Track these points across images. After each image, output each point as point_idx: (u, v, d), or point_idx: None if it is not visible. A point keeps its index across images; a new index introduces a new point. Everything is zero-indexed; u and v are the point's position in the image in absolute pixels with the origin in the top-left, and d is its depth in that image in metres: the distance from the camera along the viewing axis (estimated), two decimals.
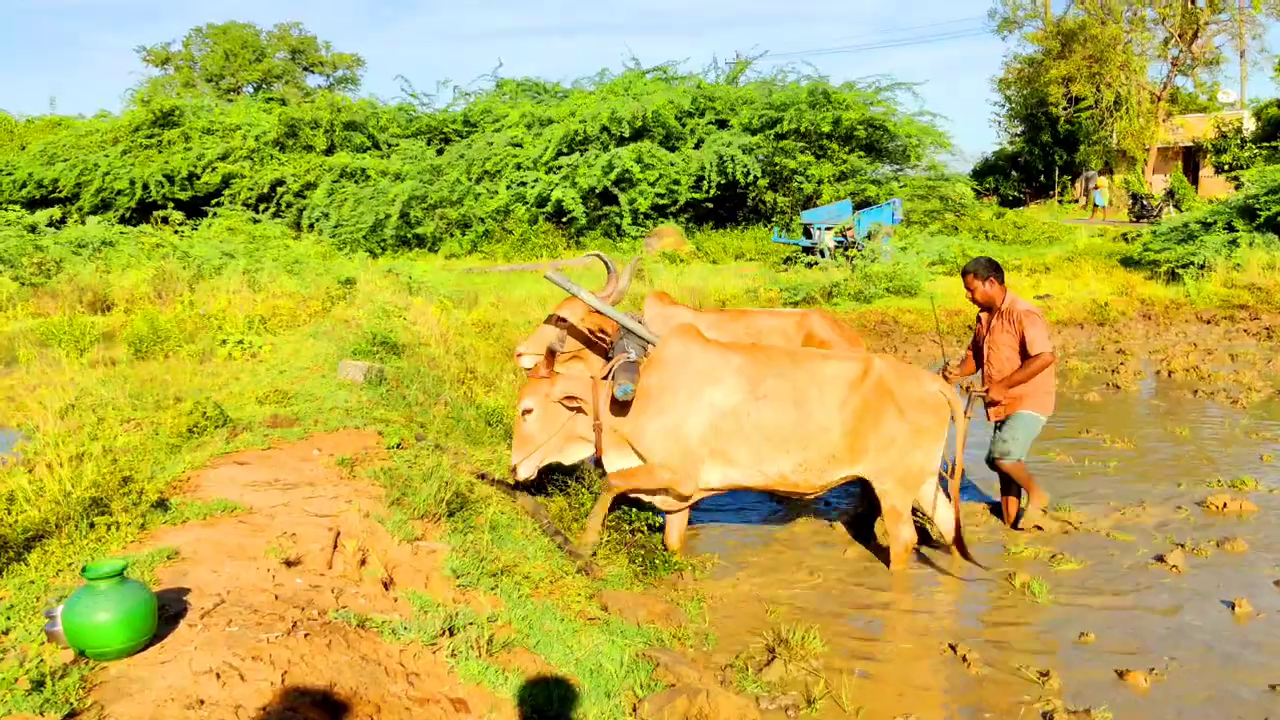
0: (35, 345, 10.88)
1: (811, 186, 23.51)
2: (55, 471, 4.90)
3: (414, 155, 25.48)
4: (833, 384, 5.95)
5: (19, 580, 4.21)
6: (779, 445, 5.88)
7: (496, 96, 28.56)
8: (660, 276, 17.00)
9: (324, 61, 53.67)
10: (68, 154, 26.92)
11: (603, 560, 5.96)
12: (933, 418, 6.02)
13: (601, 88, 26.94)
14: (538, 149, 23.33)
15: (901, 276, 16.37)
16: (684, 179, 22.33)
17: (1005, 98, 46.48)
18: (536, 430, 5.96)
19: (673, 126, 23.53)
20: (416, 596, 4.30)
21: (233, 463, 5.88)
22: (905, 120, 24.98)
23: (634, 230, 21.90)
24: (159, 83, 48.74)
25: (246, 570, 4.19)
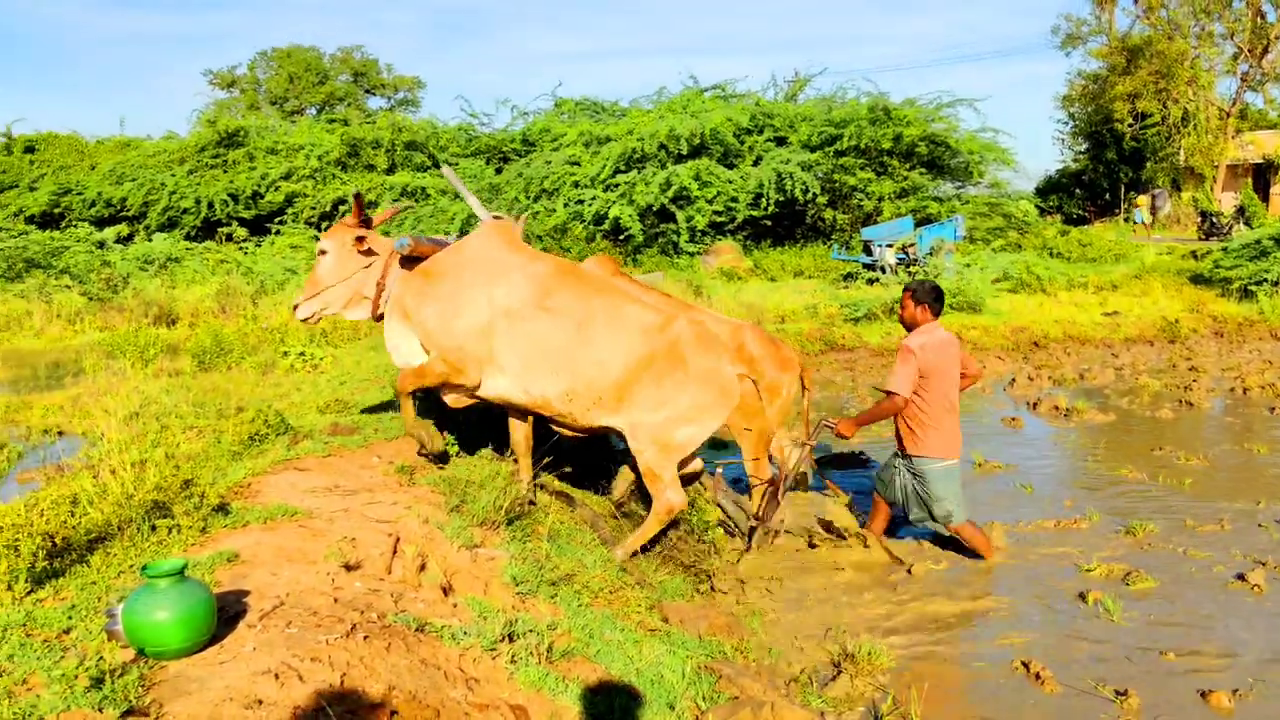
0: (102, 357, 11.05)
1: (871, 203, 23.29)
2: (119, 475, 4.92)
3: (473, 174, 25.64)
4: (626, 325, 5.62)
5: (81, 580, 4.21)
6: (549, 364, 5.58)
7: (555, 116, 28.70)
8: (718, 294, 16.90)
9: (385, 84, 54.41)
10: (136, 174, 27.46)
11: (658, 571, 5.88)
12: (717, 397, 5.66)
13: (660, 106, 26.96)
14: (595, 167, 23.37)
15: (965, 293, 16.11)
16: (742, 196, 22.21)
17: (1069, 115, 45.80)
18: (326, 273, 5.91)
19: (731, 144, 23.45)
20: (476, 602, 4.24)
21: (293, 469, 5.88)
22: (967, 137, 24.68)
23: (691, 247, 21.82)
24: (224, 105, 49.74)
25: (306, 573, 4.16)
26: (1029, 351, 14.44)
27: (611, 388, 5.55)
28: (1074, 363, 13.59)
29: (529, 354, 5.58)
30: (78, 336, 14.26)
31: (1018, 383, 12.12)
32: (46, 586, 4.16)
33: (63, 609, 3.84)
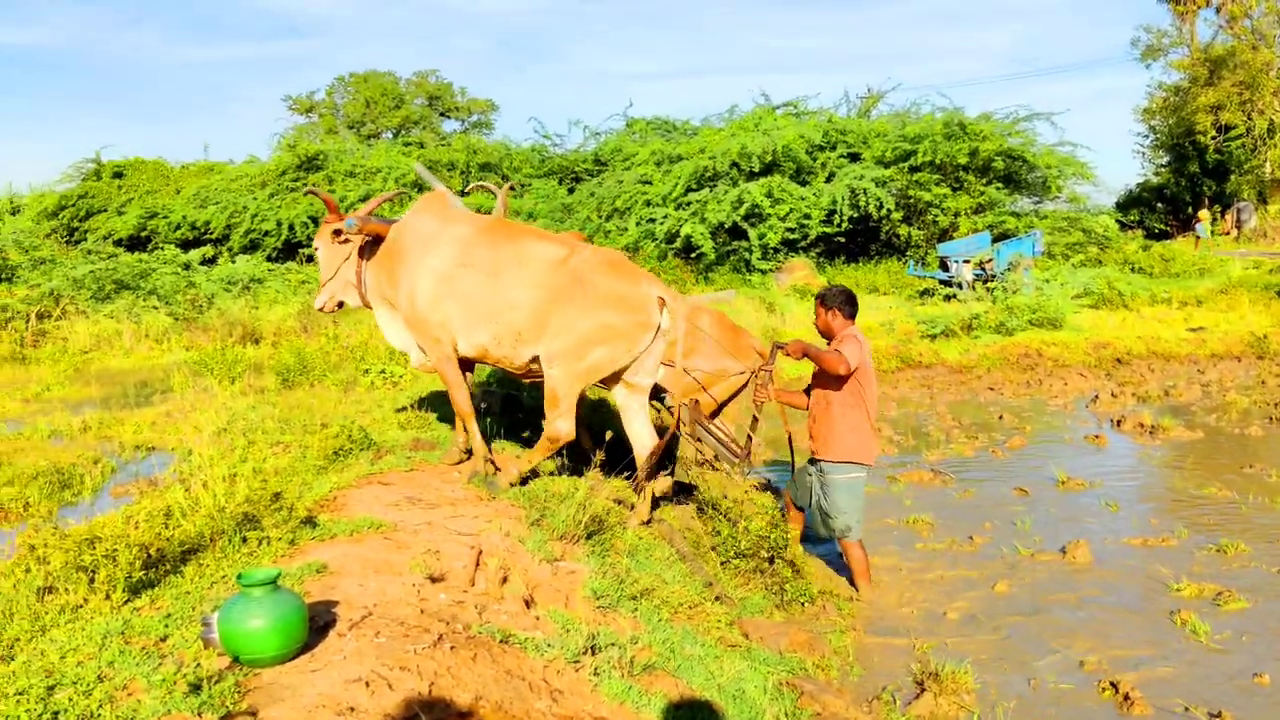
0: (189, 375, 11.34)
1: (947, 219, 23.03)
2: (210, 489, 5.04)
3: (546, 194, 25.87)
4: (533, 263, 5.84)
5: (176, 590, 4.33)
6: (477, 315, 5.90)
7: (626, 135, 28.86)
8: (791, 311, 16.84)
9: (459, 106, 55.16)
10: (219, 197, 28.15)
11: (738, 588, 5.86)
12: (624, 317, 5.67)
13: (731, 124, 26.97)
14: (667, 185, 23.43)
15: (1045, 309, 15.85)
16: (815, 213, 22.09)
17: (1149, 128, 44.84)
18: (323, 268, 6.53)
19: (803, 160, 23.36)
20: (558, 615, 4.27)
21: (377, 483, 5.98)
22: (1045, 151, 24.30)
23: (764, 264, 21.75)
24: (304, 129, 50.78)
25: (392, 584, 4.23)
26: (1111, 368, 14.14)
27: (528, 323, 5.78)
28: (1158, 379, 13.28)
29: (463, 310, 5.94)
30: (165, 355, 14.64)
31: (1101, 400, 11.88)
32: (143, 595, 4.28)
33: (159, 617, 3.95)
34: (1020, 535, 7.20)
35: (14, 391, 11.53)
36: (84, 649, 3.67)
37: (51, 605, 4.24)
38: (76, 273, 18.57)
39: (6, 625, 4.12)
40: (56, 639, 3.84)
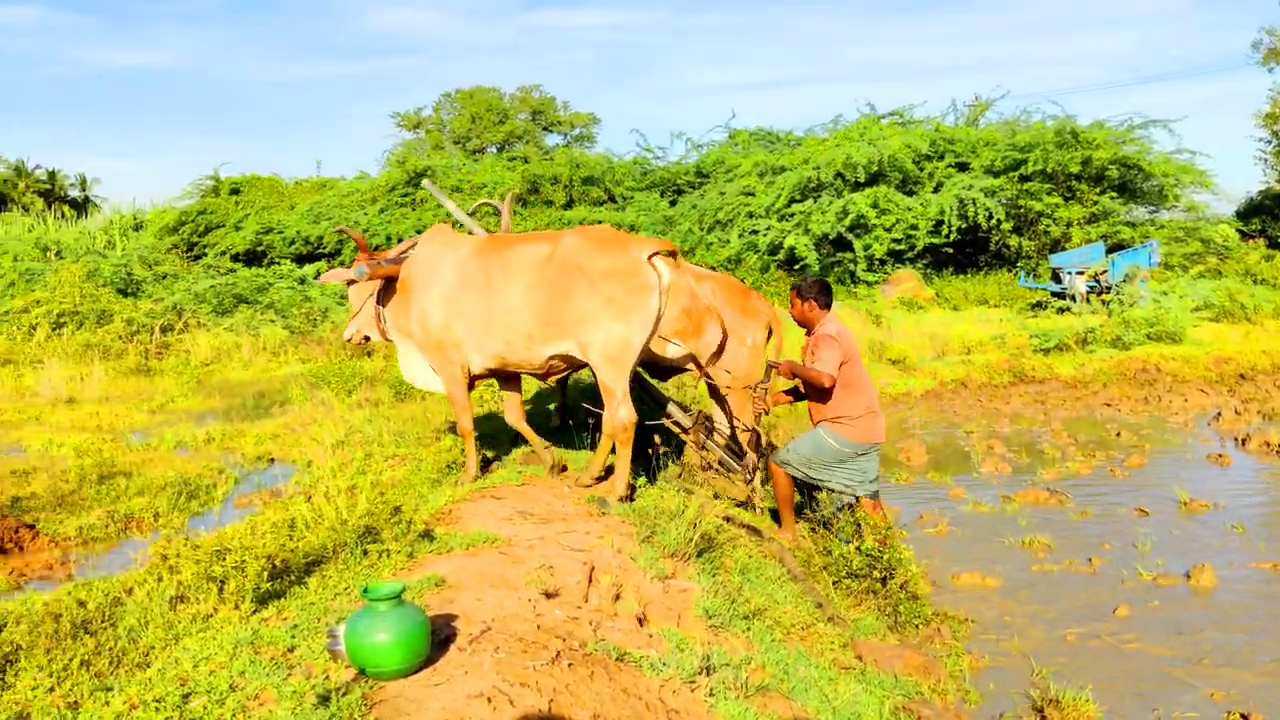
0: (306, 387, 11.66)
1: (1059, 229, 22.44)
2: (332, 501, 5.17)
3: (648, 207, 25.95)
4: (520, 268, 6.10)
5: (301, 601, 4.45)
6: (485, 328, 6.23)
7: (729, 147, 28.79)
8: (898, 323, 16.61)
9: (562, 120, 55.72)
10: (331, 213, 28.87)
11: (850, 608, 5.79)
12: (623, 286, 5.79)
13: (836, 134, 26.71)
14: (770, 197, 23.30)
15: (1163, 322, 15.33)
16: (922, 223, 21.73)
17: (1272, 133, 43.09)
18: (353, 302, 6.90)
19: (910, 170, 23.02)
20: (671, 634, 4.27)
21: (490, 497, 6.07)
22: (1161, 159, 23.52)
23: (870, 276, 21.47)
24: (411, 145, 51.80)
25: (509, 599, 4.28)
26: (1234, 384, 13.62)
27: (535, 323, 6.05)
28: None
29: (472, 326, 6.29)
30: (282, 368, 15.09)
31: (1224, 417, 11.45)
32: (270, 606, 4.41)
33: (286, 628, 4.06)
34: (1141, 558, 6.97)
35: (140, 403, 12.00)
36: (216, 658, 3.79)
37: (184, 614, 4.40)
38: (198, 287, 19.24)
39: (142, 633, 4.29)
40: (189, 647, 3.98)
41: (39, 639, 4.22)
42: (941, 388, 13.37)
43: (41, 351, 14.71)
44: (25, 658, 4.07)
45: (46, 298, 17.03)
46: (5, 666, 4.03)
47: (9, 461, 8.52)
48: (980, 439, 10.58)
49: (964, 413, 12.20)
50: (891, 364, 13.79)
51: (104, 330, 15.82)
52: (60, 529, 6.73)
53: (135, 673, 3.87)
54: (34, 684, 3.81)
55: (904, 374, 13.55)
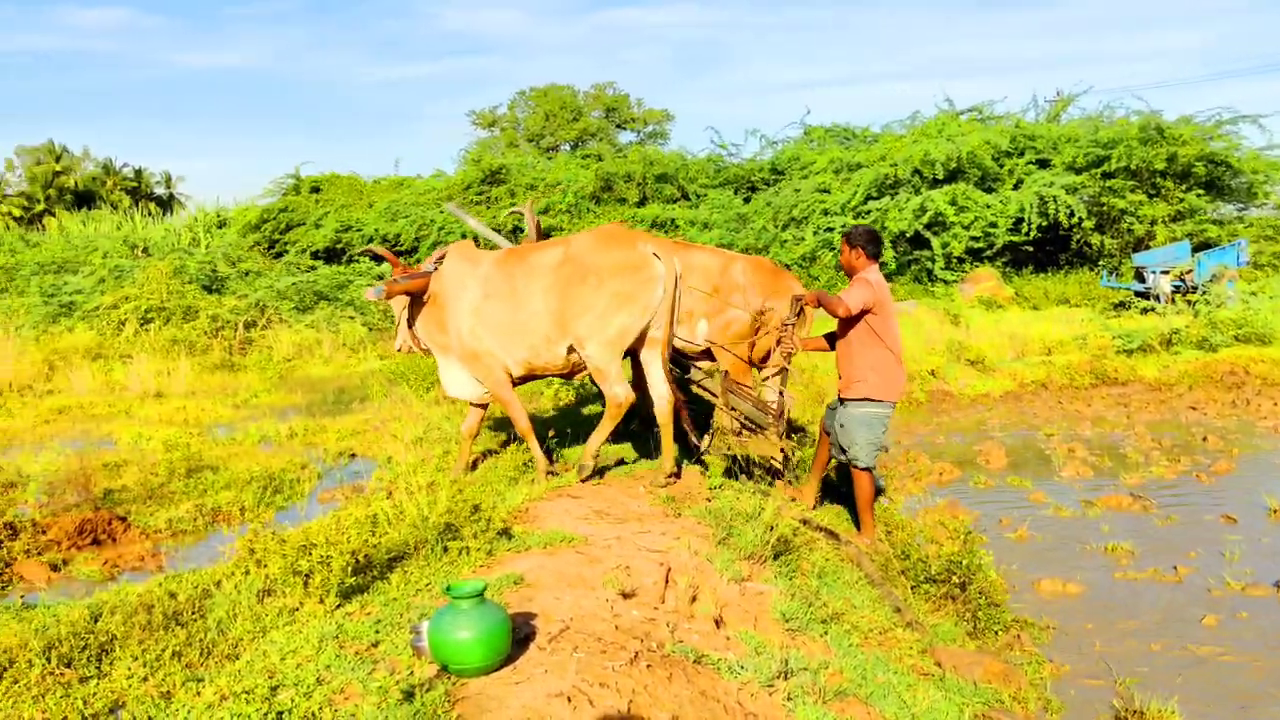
0: (385, 383, 11.85)
1: (1143, 227, 21.91)
2: (414, 498, 5.26)
3: (721, 204, 25.87)
4: (538, 272, 6.57)
5: (384, 597, 4.53)
6: (511, 335, 6.68)
7: (804, 144, 28.59)
8: (977, 322, 16.36)
9: (635, 118, 55.81)
10: (408, 211, 29.25)
11: (929, 613, 5.73)
12: (629, 281, 6.30)
13: (913, 131, 26.38)
14: (846, 194, 23.09)
15: (1253, 323, 14.89)
16: (1001, 221, 21.36)
17: None
18: (396, 313, 7.26)
19: (989, 167, 22.65)
20: (748, 636, 4.27)
21: (566, 496, 6.12)
22: (1250, 155, 22.81)
23: (947, 275, 21.17)
24: (486, 144, 52.29)
25: (586, 599, 4.31)
26: None
27: (553, 324, 6.53)
28: None
29: (499, 335, 6.73)
30: (361, 364, 15.34)
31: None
32: (353, 601, 4.50)
33: (370, 623, 4.14)
34: (1229, 566, 6.79)
35: (225, 398, 12.30)
36: (302, 651, 3.88)
37: (270, 607, 4.51)
38: (280, 284, 19.64)
39: (230, 625, 4.40)
40: (276, 640, 4.08)
41: (133, 629, 4.36)
42: (1021, 389, 13.15)
43: (130, 346, 15.14)
44: (120, 647, 4.21)
45: (135, 294, 17.50)
46: (101, 655, 4.16)
47: (101, 454, 8.78)
48: (1061, 442, 10.39)
49: (1044, 415, 11.99)
50: (970, 364, 13.59)
51: (190, 326, 16.23)
52: (151, 521, 6.93)
53: (225, 664, 3.97)
54: (129, 673, 3.94)
55: (982, 375, 13.34)
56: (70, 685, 3.87)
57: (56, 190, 62.90)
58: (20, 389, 12.72)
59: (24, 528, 6.60)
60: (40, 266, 23.71)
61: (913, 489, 8.55)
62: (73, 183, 64.35)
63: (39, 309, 18.54)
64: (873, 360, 6.46)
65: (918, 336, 14.82)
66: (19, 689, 3.82)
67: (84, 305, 18.32)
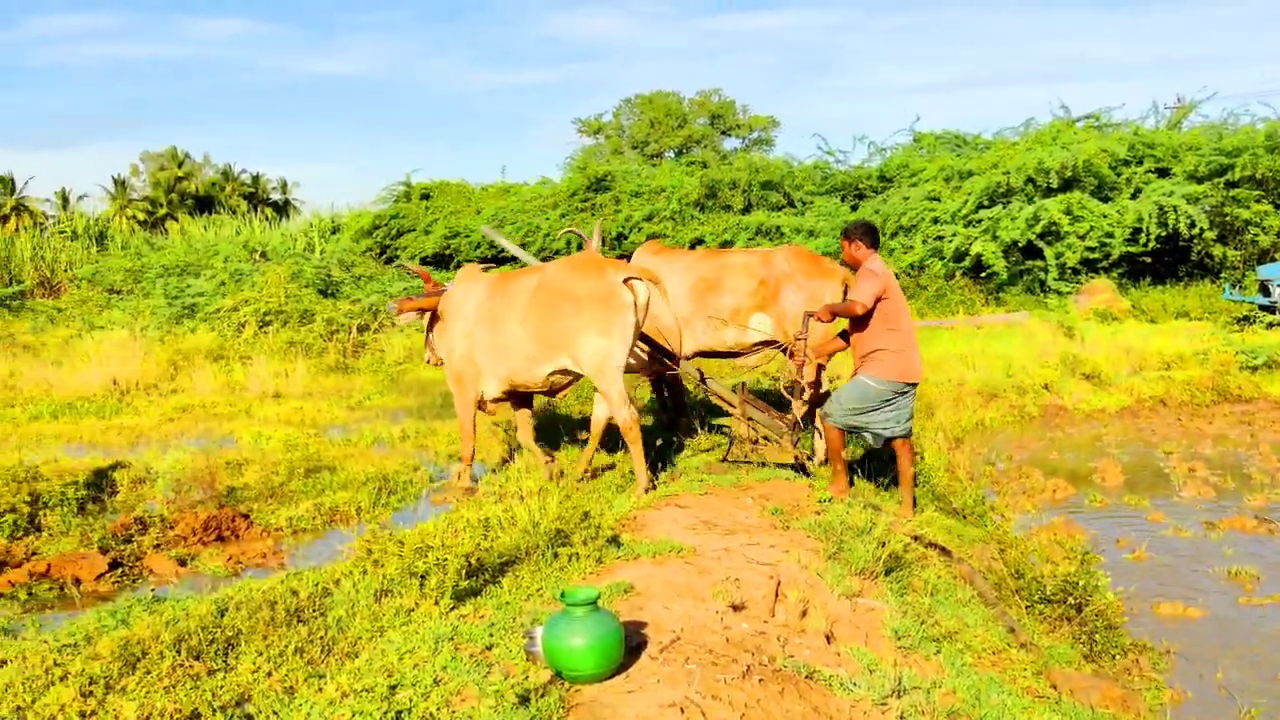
0: None
1: (1269, 239, 21.03)
2: (526, 503, 5.33)
3: (828, 212, 25.63)
4: (516, 298, 7.13)
5: (496, 600, 4.61)
6: (496, 357, 7.30)
7: (913, 150, 28.17)
8: (1091, 335, 15.92)
9: (741, 124, 55.74)
10: (514, 217, 29.67)
11: (1043, 634, 5.61)
12: (602, 308, 6.70)
13: (1027, 138, 25.78)
14: (956, 202, 22.67)
15: None
16: (1118, 231, 20.71)
17: None
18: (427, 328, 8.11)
19: (1106, 176, 22.00)
20: (860, 653, 4.23)
21: (674, 505, 6.14)
22: None
23: (1061, 286, 20.59)
24: (591, 151, 52.80)
25: (696, 610, 4.32)
26: None
27: (533, 345, 7.02)
28: None
29: (487, 355, 7.36)
30: None
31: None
32: (467, 603, 4.59)
33: (484, 626, 4.22)
34: None
35: (339, 399, 12.63)
36: (419, 652, 3.98)
37: (388, 607, 4.63)
38: (392, 289, 20.10)
39: (349, 623, 4.53)
40: (394, 640, 4.18)
41: (257, 625, 4.52)
42: (1138, 405, 12.75)
43: (249, 348, 15.65)
44: (245, 642, 4.37)
45: (254, 297, 18.09)
46: (228, 649, 4.32)
47: (224, 453, 9.09)
48: (1181, 460, 10.05)
49: (1163, 432, 11.61)
50: (1085, 378, 13.21)
51: (306, 329, 16.70)
52: (272, 519, 7.15)
53: (345, 662, 4.10)
54: (254, 668, 4.09)
55: (1098, 389, 12.97)
56: (199, 677, 4.03)
57: (178, 195, 65.42)
58: (146, 387, 13.25)
59: (153, 523, 6.88)
60: (165, 270, 24.66)
61: (1026, 506, 8.37)
62: (193, 188, 66.85)
63: (164, 310, 19.28)
64: (883, 342, 6.63)
65: (1029, 348, 14.49)
66: (151, 679, 3.99)
67: (205, 307, 19.00)
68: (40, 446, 9.84)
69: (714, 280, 8.21)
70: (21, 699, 3.89)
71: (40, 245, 33.17)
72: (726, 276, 8.18)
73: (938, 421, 10.79)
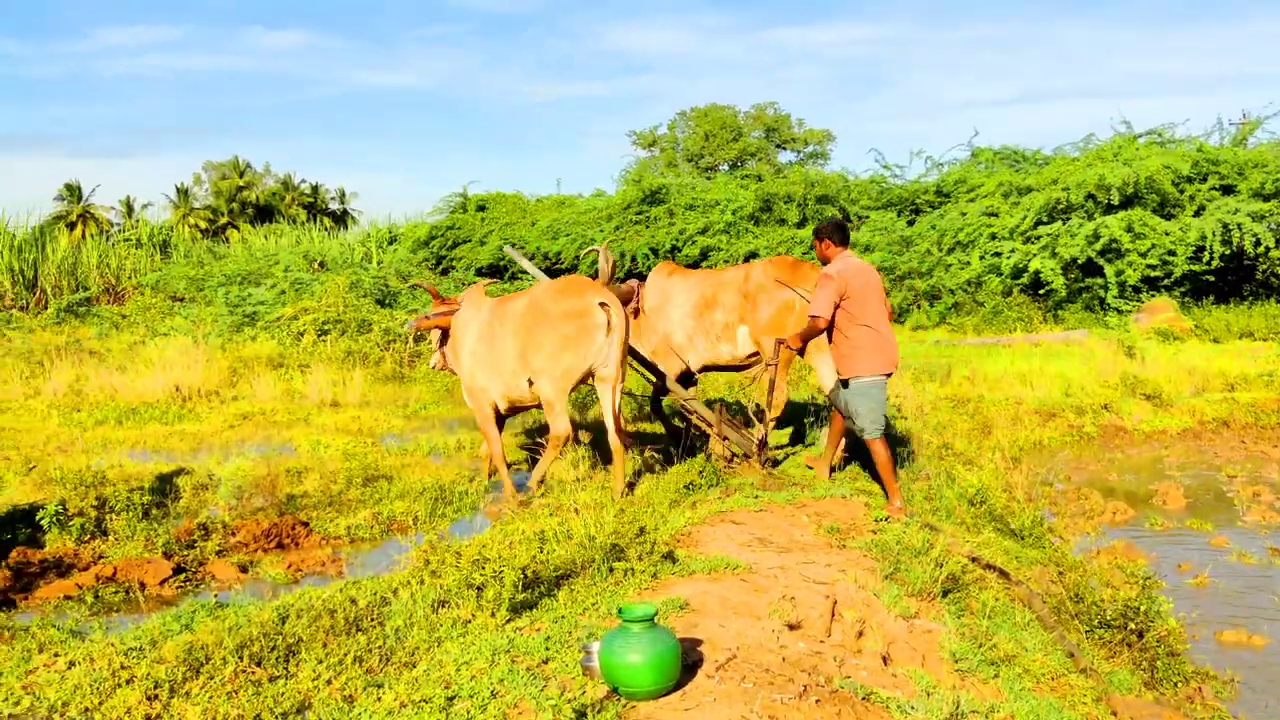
0: None
1: None
2: (582, 516, 5.36)
3: (884, 227, 25.49)
4: (508, 319, 7.74)
5: (552, 614, 4.63)
6: (494, 374, 7.89)
7: (971, 166, 27.95)
8: (1152, 354, 15.65)
9: (796, 138, 55.57)
10: (569, 229, 29.84)
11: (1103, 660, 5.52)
12: (575, 326, 7.34)
13: (1087, 154, 25.46)
14: (1015, 218, 22.45)
15: None
16: (1180, 249, 20.36)
17: None
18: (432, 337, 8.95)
19: (1168, 193, 21.65)
20: (918, 676, 4.19)
21: (729, 521, 6.14)
22: None
23: (1121, 304, 20.28)
24: (646, 164, 52.90)
25: (752, 628, 4.32)
26: None
27: (517, 361, 7.66)
28: None
29: (486, 374, 7.95)
30: None
31: None
32: (523, 616, 4.62)
33: (540, 639, 4.24)
34: None
35: (396, 408, 12.77)
36: (475, 664, 4.01)
37: (445, 618, 4.67)
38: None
39: (407, 633, 4.57)
40: (451, 651, 4.22)
41: (317, 633, 4.58)
42: (1201, 427, 12.51)
43: (308, 356, 15.86)
44: (305, 649, 4.42)
45: (313, 306, 18.35)
46: (288, 656, 4.38)
47: (284, 460, 9.22)
48: (1245, 484, 9.85)
49: (1226, 455, 11.38)
50: (1145, 399, 12.99)
51: (364, 338, 16.90)
52: (330, 528, 7.24)
53: (403, 671, 4.14)
54: (314, 675, 4.14)
55: (1159, 410, 12.74)
56: (261, 684, 4.09)
57: (239, 204, 66.59)
58: (208, 394, 13.48)
59: (215, 529, 7.00)
60: (226, 278, 25.11)
61: (1085, 528, 8.24)
62: (254, 197, 68.00)
63: (225, 319, 19.63)
64: (855, 339, 6.90)
65: (1088, 367, 14.28)
66: (215, 685, 4.06)
67: (266, 316, 19.31)
68: (106, 451, 10.06)
69: (711, 298, 8.77)
70: (89, 700, 3.98)
71: (106, 253, 33.94)
72: (720, 293, 8.76)
73: (995, 440, 10.67)
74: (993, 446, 10.17)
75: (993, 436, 10.98)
